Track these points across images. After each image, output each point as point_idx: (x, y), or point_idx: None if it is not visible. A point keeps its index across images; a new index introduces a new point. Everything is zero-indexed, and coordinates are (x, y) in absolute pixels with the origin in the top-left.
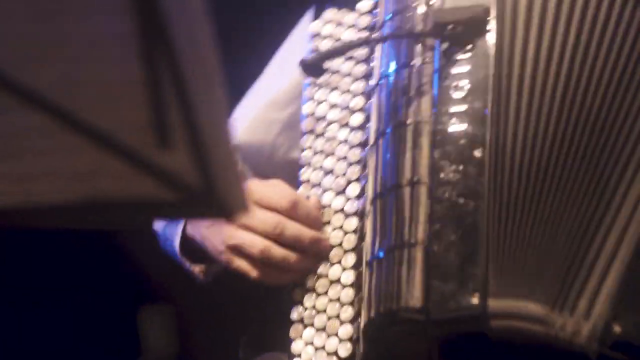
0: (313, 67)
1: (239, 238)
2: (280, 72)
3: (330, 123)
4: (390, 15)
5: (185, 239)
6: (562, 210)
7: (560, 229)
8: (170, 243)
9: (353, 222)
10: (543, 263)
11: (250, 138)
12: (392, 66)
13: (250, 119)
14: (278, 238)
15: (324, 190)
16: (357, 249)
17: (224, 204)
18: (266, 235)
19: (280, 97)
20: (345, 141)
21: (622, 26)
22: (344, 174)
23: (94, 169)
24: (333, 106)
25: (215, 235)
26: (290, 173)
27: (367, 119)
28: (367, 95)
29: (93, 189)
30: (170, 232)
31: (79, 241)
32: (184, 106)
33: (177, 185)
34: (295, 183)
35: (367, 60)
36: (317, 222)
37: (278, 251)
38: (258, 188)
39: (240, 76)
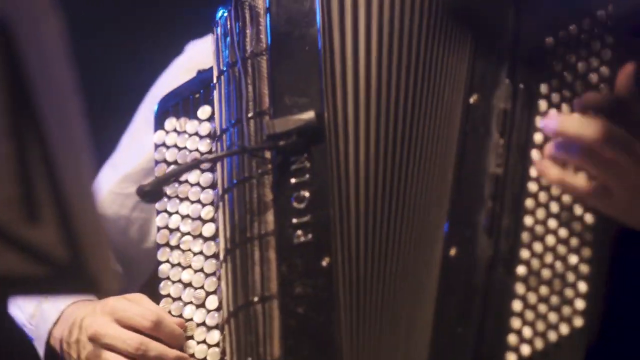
0: (152, 193)
1: (101, 358)
2: (136, 145)
3: (183, 235)
4: (227, 127)
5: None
6: (400, 312)
7: (401, 330)
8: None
9: (215, 336)
10: None
11: (105, 211)
12: (234, 180)
13: (106, 191)
14: (142, 359)
15: (185, 304)
16: None
17: (93, 278)
18: (128, 356)
19: (136, 171)
20: (201, 252)
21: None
22: (202, 286)
23: None
24: (185, 217)
25: (77, 351)
26: (143, 246)
27: (218, 229)
28: (216, 205)
29: None
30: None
31: None
32: (51, 181)
33: (44, 260)
34: (148, 259)
35: (212, 169)
36: (180, 340)
37: None
38: (119, 305)
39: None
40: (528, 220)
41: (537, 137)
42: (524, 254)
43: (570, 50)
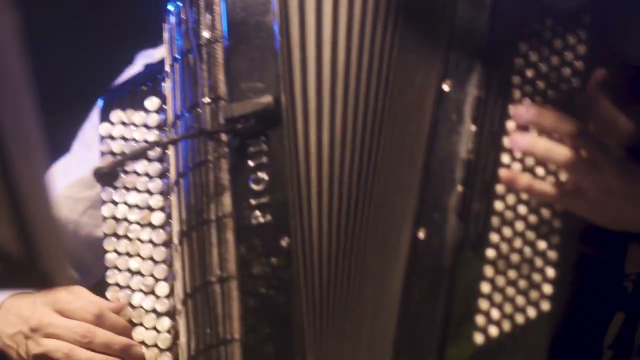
0: (108, 175)
1: (44, 345)
2: (85, 151)
3: (131, 224)
4: (181, 113)
5: None
6: (364, 291)
7: (366, 310)
8: None
9: (165, 322)
10: (360, 350)
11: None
12: (189, 165)
13: (56, 196)
14: (88, 346)
15: (133, 291)
16: (173, 349)
17: (46, 275)
18: (74, 343)
19: (87, 176)
20: (149, 241)
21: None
22: (152, 274)
23: None
24: (132, 207)
25: (18, 342)
26: (93, 251)
27: (169, 217)
28: (166, 194)
29: None
30: None
31: None
32: (5, 180)
33: None
34: (99, 262)
35: (161, 159)
36: (125, 331)
37: (83, 353)
38: (61, 297)
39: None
40: (498, 205)
41: (510, 125)
42: (494, 237)
43: (545, 42)
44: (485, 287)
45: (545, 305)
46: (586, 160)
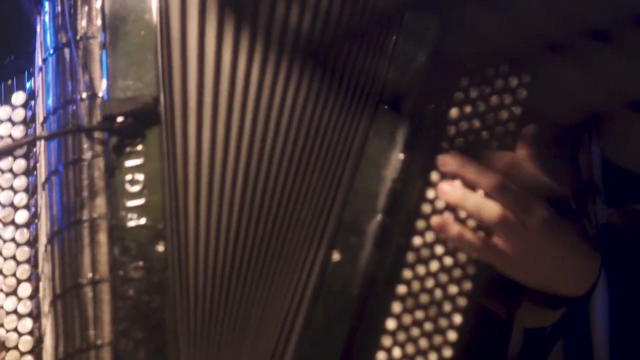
0: None
1: None
2: None
3: None
4: (54, 109)
5: None
6: (251, 304)
7: (251, 323)
8: None
9: (27, 324)
10: (236, 356)
11: None
12: (61, 162)
13: None
14: None
15: None
16: (35, 352)
17: None
18: None
19: None
20: (12, 239)
21: (297, 109)
22: (14, 274)
23: None
24: None
25: None
26: None
27: (34, 216)
28: (32, 192)
29: None
30: None
31: None
32: None
33: None
34: None
35: (28, 155)
36: None
37: None
38: None
39: None
40: (417, 241)
41: (441, 160)
42: (407, 274)
43: (487, 80)
44: (390, 324)
45: (448, 352)
46: (514, 218)
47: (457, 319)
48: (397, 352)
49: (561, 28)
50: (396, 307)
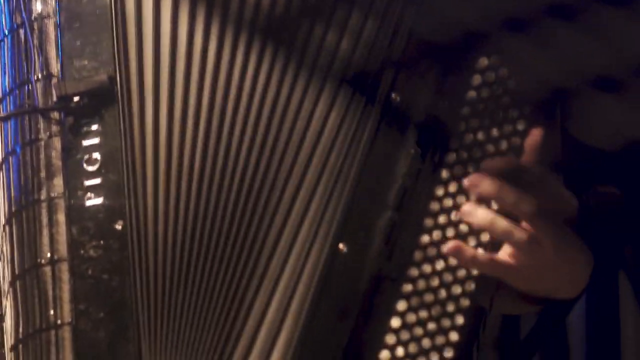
0: None
1: None
2: None
3: None
4: (9, 89)
5: None
6: (213, 280)
7: (213, 298)
8: None
9: None
10: (198, 335)
11: None
12: (18, 143)
13: None
14: None
15: None
16: None
17: None
18: None
19: None
20: None
21: (257, 89)
22: None
23: None
24: None
25: None
26: None
27: None
28: None
29: None
30: None
31: None
32: None
33: None
34: None
35: None
36: None
37: None
38: None
39: None
40: (424, 239)
41: (451, 157)
42: (413, 272)
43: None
44: (395, 322)
45: (449, 353)
46: (532, 238)
47: (460, 319)
48: (400, 351)
49: (522, 5)
50: (401, 305)
